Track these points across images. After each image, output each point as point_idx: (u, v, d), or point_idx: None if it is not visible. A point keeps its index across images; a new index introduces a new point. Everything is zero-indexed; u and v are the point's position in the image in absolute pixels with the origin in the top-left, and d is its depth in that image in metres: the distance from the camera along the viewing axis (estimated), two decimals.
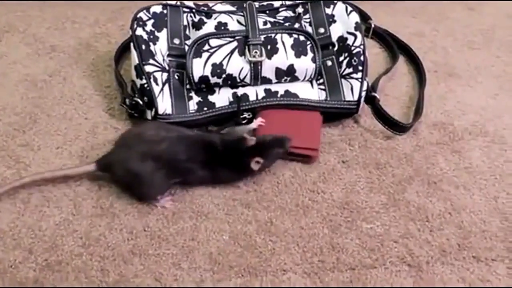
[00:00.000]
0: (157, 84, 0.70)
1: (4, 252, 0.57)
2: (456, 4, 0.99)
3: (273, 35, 0.74)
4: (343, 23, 0.78)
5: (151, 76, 0.70)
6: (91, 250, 0.58)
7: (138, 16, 0.74)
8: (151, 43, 0.73)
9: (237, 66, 0.72)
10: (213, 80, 0.72)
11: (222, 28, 0.74)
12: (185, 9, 0.77)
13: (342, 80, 0.75)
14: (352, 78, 0.74)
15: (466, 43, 0.91)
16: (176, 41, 0.75)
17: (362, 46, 0.75)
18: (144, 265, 0.57)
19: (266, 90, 0.74)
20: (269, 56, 0.73)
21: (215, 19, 0.75)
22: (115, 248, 0.58)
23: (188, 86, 0.73)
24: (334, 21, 0.78)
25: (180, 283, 0.55)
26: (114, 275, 0.56)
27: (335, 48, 0.77)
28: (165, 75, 0.72)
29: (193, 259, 0.58)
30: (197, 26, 0.75)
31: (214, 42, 0.72)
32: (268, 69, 0.73)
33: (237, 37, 0.73)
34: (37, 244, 0.58)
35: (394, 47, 0.87)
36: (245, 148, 0.64)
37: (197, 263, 0.57)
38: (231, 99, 0.73)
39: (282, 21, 0.77)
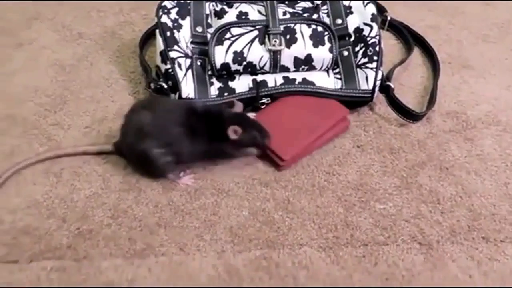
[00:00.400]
0: (181, 69, 0.74)
1: (39, 220, 0.61)
2: None
3: (292, 25, 0.77)
4: (360, 14, 0.80)
5: (176, 62, 0.74)
6: (120, 221, 0.62)
7: (163, 4, 0.77)
8: (175, 30, 0.76)
9: (257, 54, 0.75)
10: (234, 67, 0.75)
11: (243, 17, 0.77)
12: None
13: (358, 69, 0.78)
14: (367, 67, 0.77)
15: (480, 36, 0.93)
16: (199, 29, 0.78)
17: (377, 37, 0.78)
18: (169, 236, 0.60)
19: (284, 78, 0.77)
20: (288, 46, 0.76)
21: (236, 8, 0.79)
22: (141, 220, 0.62)
23: (209, 72, 0.76)
24: (351, 13, 0.81)
25: (202, 253, 0.59)
26: (141, 244, 0.59)
27: (352, 39, 0.80)
28: (188, 61, 0.75)
29: (215, 232, 0.61)
30: (219, 15, 0.78)
31: (235, 30, 0.75)
32: (286, 57, 0.76)
33: (257, 27, 0.76)
34: (69, 214, 0.62)
35: (409, 38, 0.89)
36: (226, 116, 0.66)
37: (218, 235, 0.61)
38: (251, 85, 0.76)
39: (301, 12, 0.80)
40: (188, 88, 0.74)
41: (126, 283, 0.56)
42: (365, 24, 0.79)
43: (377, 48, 0.77)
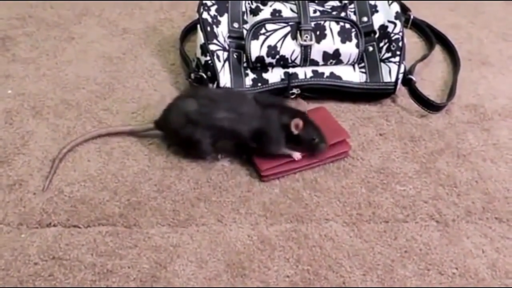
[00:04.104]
0: (219, 61, 0.81)
1: (94, 192, 0.69)
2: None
3: (322, 22, 0.83)
4: (384, 12, 0.86)
5: (215, 54, 0.81)
6: (164, 195, 0.69)
7: (204, 2, 0.84)
8: (214, 26, 0.83)
9: (289, 48, 0.82)
10: (268, 60, 0.82)
11: (277, 14, 0.84)
12: None
13: (382, 63, 0.84)
14: (390, 61, 0.83)
15: (501, 35, 0.97)
16: (236, 24, 0.85)
17: (401, 33, 0.83)
18: (208, 209, 0.67)
19: (313, 71, 0.83)
20: (318, 41, 0.82)
21: (270, 6, 0.85)
22: (184, 194, 0.69)
23: (245, 65, 0.83)
24: (377, 11, 0.87)
25: (238, 224, 0.66)
26: (183, 215, 0.67)
27: (376, 35, 0.86)
28: (225, 54, 0.83)
29: (249, 207, 0.68)
30: (254, 12, 0.85)
31: (270, 26, 0.82)
32: (316, 52, 0.82)
33: (290, 23, 0.82)
34: (120, 187, 0.70)
35: (431, 36, 0.94)
36: (291, 110, 0.70)
37: (252, 209, 0.67)
38: (283, 77, 0.83)
39: (329, 10, 0.86)
40: (225, 79, 0.81)
41: (171, 247, 0.63)
42: (389, 21, 0.85)
43: (400, 44, 0.83)
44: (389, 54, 0.83)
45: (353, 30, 0.83)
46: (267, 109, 0.70)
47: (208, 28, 0.82)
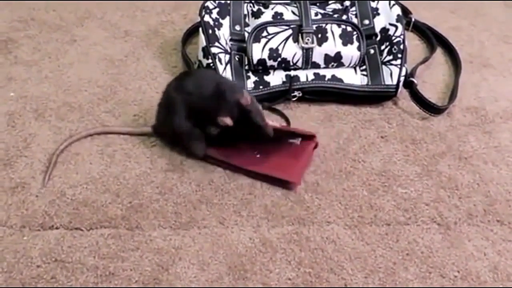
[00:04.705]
0: (221, 63, 0.81)
1: (96, 194, 0.69)
2: (494, 1, 1.06)
3: (323, 25, 0.83)
4: (386, 15, 0.86)
5: (216, 57, 0.81)
6: (166, 197, 0.69)
7: (205, 5, 0.85)
8: (216, 29, 0.83)
9: (291, 51, 0.82)
10: (269, 62, 0.82)
11: (279, 17, 0.84)
12: (245, 0, 0.87)
13: (383, 66, 0.84)
14: (392, 64, 0.83)
15: (502, 38, 0.97)
16: (237, 27, 0.85)
17: (402, 36, 0.84)
18: (210, 211, 0.67)
19: (315, 74, 0.83)
20: (320, 44, 0.82)
21: (272, 9, 0.86)
22: (186, 197, 0.69)
23: (246, 67, 0.83)
24: (378, 14, 0.87)
25: (240, 227, 0.66)
26: (185, 217, 0.67)
27: (378, 38, 0.86)
28: (227, 56, 0.83)
29: (251, 209, 0.68)
30: (256, 15, 0.86)
31: (271, 29, 0.82)
32: (318, 55, 0.83)
33: (292, 26, 0.83)
34: (122, 190, 0.70)
35: (432, 38, 0.95)
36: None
37: (254, 212, 0.67)
38: (284, 79, 0.83)
39: (331, 13, 0.86)
40: None
41: (173, 250, 0.63)
42: (391, 24, 0.85)
43: (401, 46, 0.83)
44: (391, 57, 0.83)
45: (355, 33, 0.84)
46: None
47: (210, 31, 0.82)
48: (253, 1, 0.87)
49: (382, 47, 0.85)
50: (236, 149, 0.73)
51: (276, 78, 0.83)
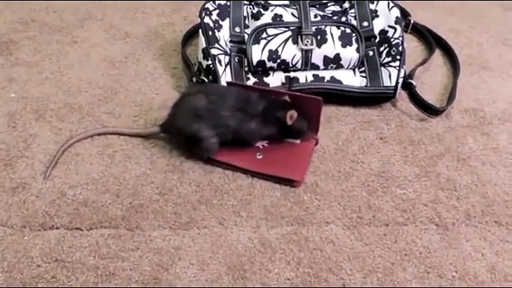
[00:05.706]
0: (221, 65, 0.82)
1: (96, 195, 0.69)
2: (493, 4, 1.07)
3: (323, 27, 0.84)
4: (385, 17, 0.87)
5: (216, 58, 0.81)
6: (166, 198, 0.69)
7: (205, 6, 0.85)
8: (216, 30, 0.84)
9: (291, 53, 0.82)
10: (269, 64, 0.83)
11: (278, 19, 0.85)
12: (245, 2, 0.88)
13: (382, 68, 0.84)
14: (390, 66, 0.84)
15: (500, 40, 0.98)
16: (237, 29, 0.86)
17: (401, 38, 0.84)
18: (210, 212, 0.68)
19: (314, 75, 0.84)
20: (319, 45, 0.83)
21: (271, 11, 0.86)
22: (185, 197, 0.70)
23: (246, 69, 0.84)
24: (377, 16, 0.88)
25: (239, 227, 0.66)
26: (185, 218, 0.67)
27: (377, 40, 0.86)
28: (227, 58, 0.83)
29: (250, 209, 0.68)
30: (256, 17, 0.86)
31: (271, 31, 0.83)
32: (317, 56, 0.83)
33: (291, 28, 0.83)
34: (122, 190, 0.70)
35: (431, 40, 0.95)
36: (283, 102, 0.73)
37: (254, 212, 0.68)
38: (283, 81, 0.83)
39: (330, 15, 0.87)
40: None
41: (172, 250, 0.64)
42: (390, 26, 0.86)
43: (400, 48, 0.83)
44: (389, 59, 0.84)
45: (354, 34, 0.84)
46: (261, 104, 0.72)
47: (210, 33, 0.83)
48: (252, 3, 0.88)
49: (381, 49, 0.86)
50: (237, 151, 0.74)
51: (275, 80, 0.83)
